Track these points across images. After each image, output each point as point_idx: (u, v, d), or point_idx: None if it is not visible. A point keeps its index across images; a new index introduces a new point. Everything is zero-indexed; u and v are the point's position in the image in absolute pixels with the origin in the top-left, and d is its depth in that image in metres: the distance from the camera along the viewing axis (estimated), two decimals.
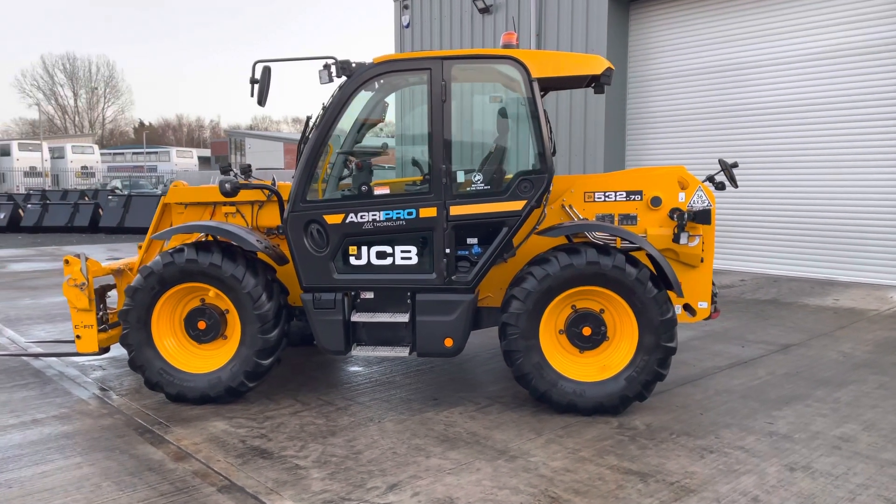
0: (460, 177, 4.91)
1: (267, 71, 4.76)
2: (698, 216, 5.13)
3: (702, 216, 5.13)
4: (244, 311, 4.94)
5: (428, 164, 4.88)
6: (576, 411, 4.80)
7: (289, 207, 4.97)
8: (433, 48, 15.78)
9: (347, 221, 4.89)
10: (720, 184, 5.54)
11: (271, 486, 3.79)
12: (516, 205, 4.80)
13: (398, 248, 4.92)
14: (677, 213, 5.18)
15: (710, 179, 5.56)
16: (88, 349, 5.46)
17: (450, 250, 4.83)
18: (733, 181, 5.52)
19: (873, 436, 4.52)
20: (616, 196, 5.32)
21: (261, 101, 4.76)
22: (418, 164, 5.53)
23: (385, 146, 5.62)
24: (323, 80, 4.81)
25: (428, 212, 4.82)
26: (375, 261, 4.95)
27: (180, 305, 5.15)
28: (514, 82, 5.00)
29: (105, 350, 5.66)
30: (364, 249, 4.95)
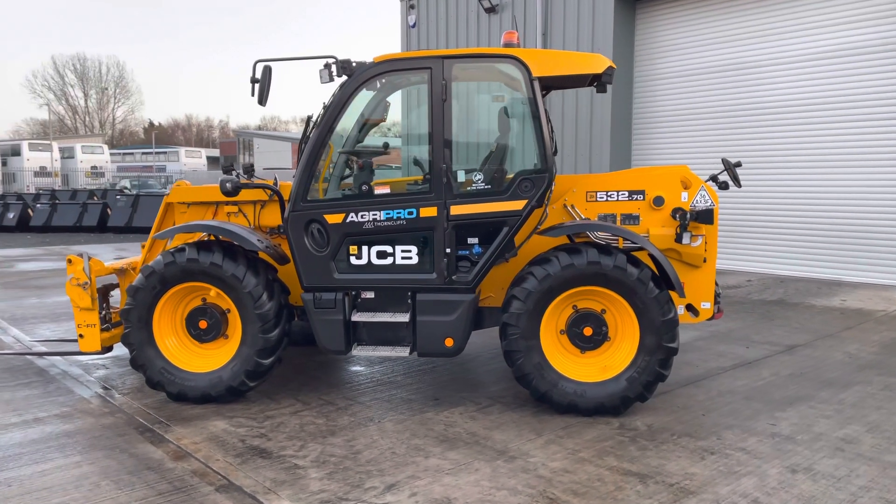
0: (461, 176, 4.89)
1: (267, 70, 4.77)
2: (701, 216, 5.09)
3: (704, 216, 5.09)
4: (245, 311, 4.94)
5: (428, 164, 4.87)
6: (577, 412, 4.78)
7: (289, 207, 4.97)
8: (440, 48, 15.77)
9: (348, 221, 4.89)
10: (723, 183, 5.50)
11: (269, 486, 3.79)
12: (517, 204, 4.79)
13: (399, 248, 4.92)
14: (680, 213, 5.14)
15: (714, 179, 5.53)
16: (91, 348, 5.48)
17: (450, 250, 4.81)
18: (736, 181, 5.47)
19: (877, 437, 4.48)
20: (618, 196, 5.29)
21: (261, 101, 4.77)
22: (420, 164, 5.52)
23: (386, 146, 5.61)
24: (323, 80, 4.81)
25: (428, 211, 4.81)
26: (376, 260, 4.94)
27: (182, 305, 5.16)
28: (515, 81, 4.98)
29: (108, 349, 5.68)
30: (364, 249, 4.94)
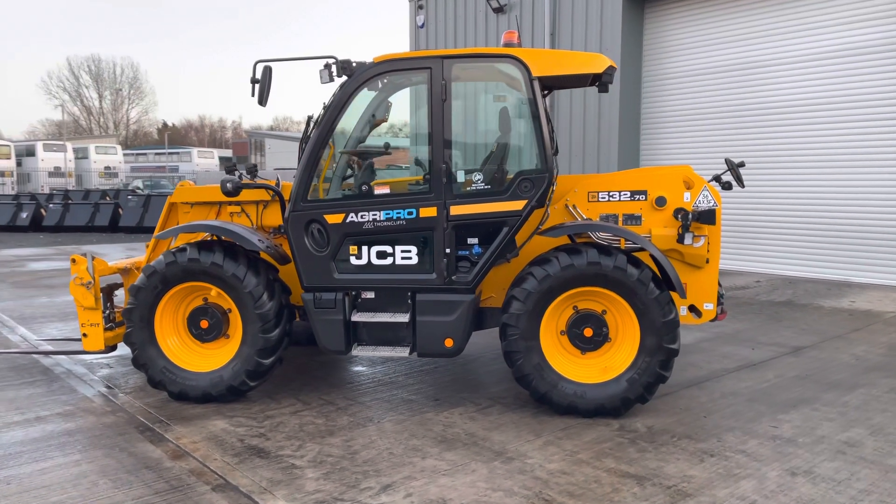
0: (461, 176, 4.88)
1: (268, 71, 4.78)
2: (703, 216, 5.05)
3: (706, 216, 5.05)
4: (246, 311, 4.96)
5: (428, 164, 4.86)
6: (576, 413, 4.76)
7: (290, 207, 4.98)
8: (448, 48, 15.75)
9: (348, 221, 4.89)
10: (727, 183, 5.46)
11: (265, 486, 3.80)
12: (517, 204, 4.77)
13: (398, 248, 4.91)
14: (682, 214, 5.10)
15: (717, 179, 5.49)
16: (95, 347, 5.50)
17: (450, 250, 4.80)
18: (740, 181, 5.43)
19: (880, 441, 4.42)
20: (620, 196, 5.25)
21: (261, 101, 4.78)
22: (420, 164, 5.52)
23: (387, 146, 5.61)
24: (324, 80, 4.82)
25: (428, 211, 4.80)
26: (376, 261, 4.94)
27: (183, 304, 5.18)
28: (515, 81, 4.96)
29: (112, 348, 5.71)
30: (364, 249, 4.94)
